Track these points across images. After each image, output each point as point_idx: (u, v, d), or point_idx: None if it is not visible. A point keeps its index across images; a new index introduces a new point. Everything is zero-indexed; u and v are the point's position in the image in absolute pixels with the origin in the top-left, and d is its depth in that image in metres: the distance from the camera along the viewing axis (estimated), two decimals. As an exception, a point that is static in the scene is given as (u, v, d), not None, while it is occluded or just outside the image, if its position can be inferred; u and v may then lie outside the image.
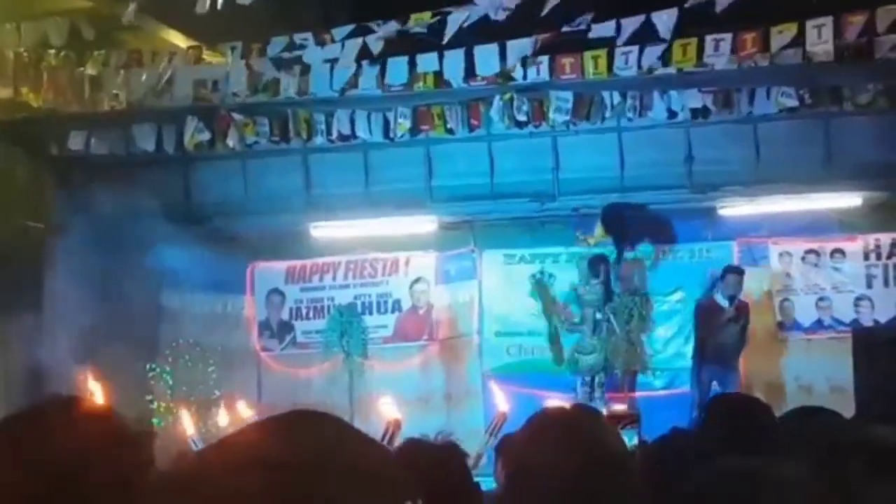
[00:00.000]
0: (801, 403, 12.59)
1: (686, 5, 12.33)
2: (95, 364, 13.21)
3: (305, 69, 14.20)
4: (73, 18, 14.02)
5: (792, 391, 15.04)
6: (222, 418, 13.11)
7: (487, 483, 5.53)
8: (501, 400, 8.54)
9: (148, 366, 15.87)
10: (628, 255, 15.32)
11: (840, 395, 13.66)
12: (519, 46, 13.38)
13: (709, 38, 13.21)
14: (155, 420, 15.54)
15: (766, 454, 3.80)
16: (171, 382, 15.98)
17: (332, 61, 13.93)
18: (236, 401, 12.89)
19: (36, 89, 14.53)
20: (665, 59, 13.54)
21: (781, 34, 13.04)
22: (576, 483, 2.61)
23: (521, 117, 14.16)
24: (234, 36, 14.42)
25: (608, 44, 13.47)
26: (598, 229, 15.22)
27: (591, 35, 13.15)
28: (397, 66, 13.82)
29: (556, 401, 13.15)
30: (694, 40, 13.27)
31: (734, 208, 15.19)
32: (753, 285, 15.46)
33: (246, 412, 12.25)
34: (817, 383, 15.10)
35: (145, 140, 14.70)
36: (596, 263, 14.82)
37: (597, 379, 14.86)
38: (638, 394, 15.01)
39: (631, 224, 15.18)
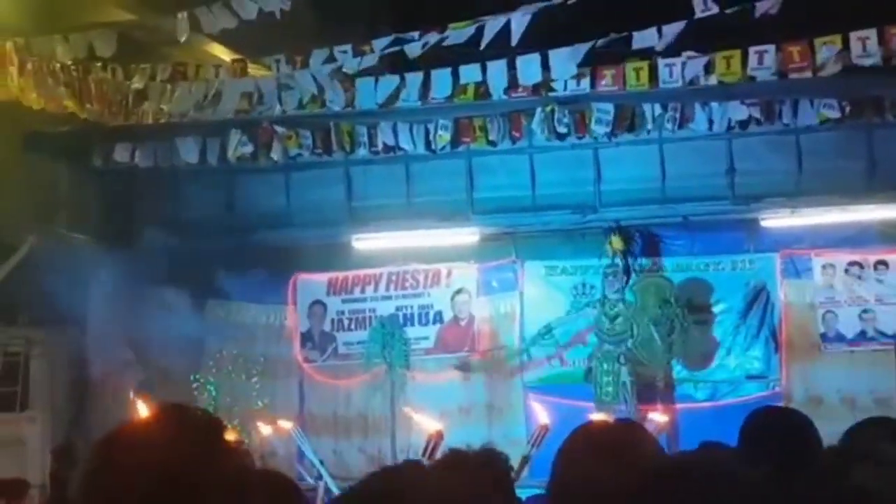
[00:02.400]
0: (844, 416, 12.65)
1: (728, 11, 12.32)
2: (139, 375, 13.39)
3: (349, 81, 14.26)
4: (118, 31, 14.15)
5: (834, 403, 14.93)
6: (265, 429, 13.21)
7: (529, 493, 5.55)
8: (541, 413, 8.58)
9: (192, 376, 15.96)
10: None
11: (884, 407, 13.60)
12: (562, 57, 13.39)
13: (752, 50, 13.18)
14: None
15: (804, 468, 3.79)
16: (214, 393, 16.05)
17: (375, 73, 14.00)
18: (279, 412, 12.98)
19: (81, 101, 14.64)
20: (708, 70, 13.52)
21: (826, 46, 13.00)
22: (615, 499, 2.62)
23: (563, 129, 14.16)
24: (276, 49, 14.52)
25: (649, 55, 13.47)
26: (615, 240, 15.24)
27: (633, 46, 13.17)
28: (441, 78, 13.85)
29: (598, 413, 13.16)
30: (737, 52, 13.24)
31: (777, 220, 15.11)
32: (796, 297, 15.41)
33: (288, 424, 12.33)
34: (860, 395, 14.99)
35: (188, 152, 14.80)
36: None
37: (630, 390, 14.89)
38: (679, 406, 14.97)
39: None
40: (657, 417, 11.75)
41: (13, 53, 13.62)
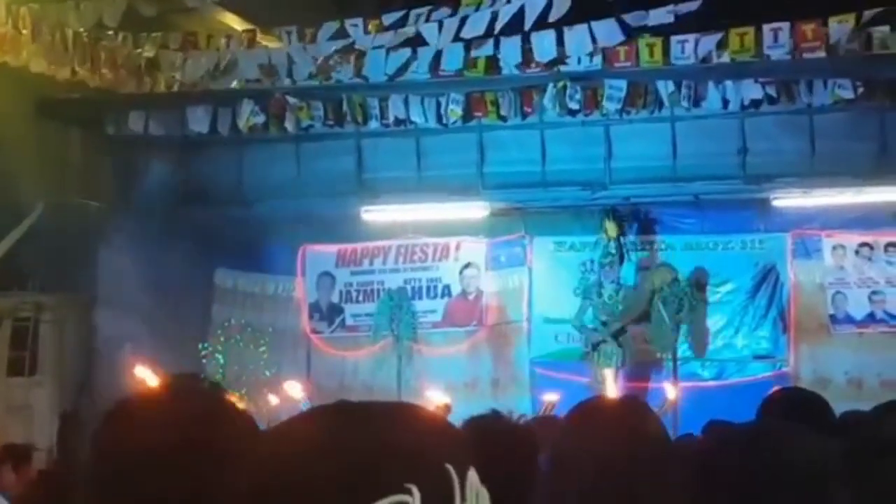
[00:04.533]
0: (850, 398, 12.63)
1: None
2: (148, 342, 13.43)
3: (360, 54, 14.25)
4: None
5: (841, 385, 14.92)
6: (272, 399, 13.24)
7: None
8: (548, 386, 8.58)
9: (200, 345, 16.00)
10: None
11: (891, 390, 13.58)
12: (577, 35, 13.36)
13: (766, 28, 13.12)
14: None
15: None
16: (222, 362, 16.10)
17: (386, 46, 13.98)
18: (286, 382, 13.00)
19: (93, 69, 14.63)
20: (721, 47, 13.47)
21: (840, 24, 12.94)
22: (617, 474, 2.63)
23: (574, 105, 14.12)
24: (288, 20, 14.50)
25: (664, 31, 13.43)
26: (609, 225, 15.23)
27: (648, 23, 13.16)
28: (452, 52, 13.82)
29: (596, 390, 13.19)
30: (751, 29, 13.19)
31: (788, 200, 15.04)
32: (805, 278, 15.40)
33: (296, 393, 12.36)
34: (868, 378, 15.00)
35: (199, 122, 14.79)
36: None
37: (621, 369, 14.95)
38: (686, 384, 14.96)
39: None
40: (664, 395, 11.77)
41: (27, 19, 13.61)
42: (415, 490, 1.36)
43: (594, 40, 13.52)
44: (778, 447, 2.22)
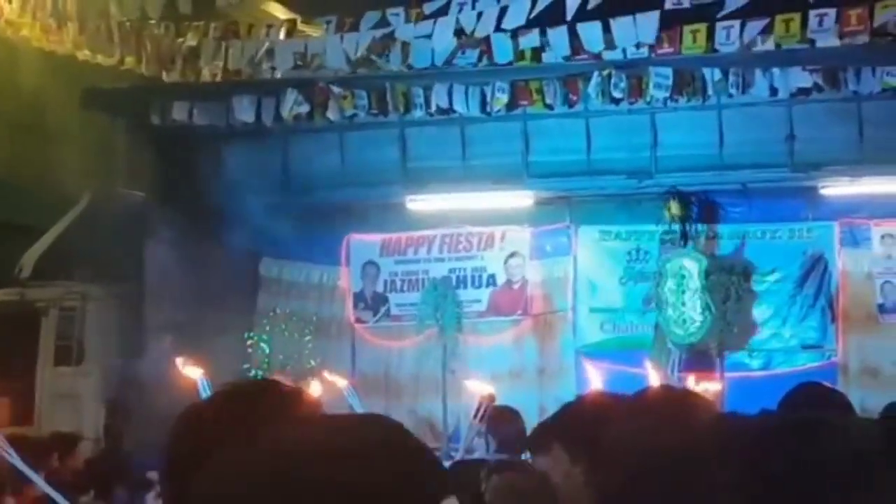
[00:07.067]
0: (901, 388, 12.49)
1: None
2: (194, 332, 13.47)
3: (405, 43, 14.21)
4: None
5: (891, 375, 14.77)
6: (316, 389, 13.24)
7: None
8: (595, 377, 8.51)
9: (245, 334, 16.05)
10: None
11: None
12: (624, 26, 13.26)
13: (812, 14, 12.98)
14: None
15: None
16: (267, 351, 16.14)
17: (430, 38, 13.93)
18: (331, 372, 13.01)
19: (138, 59, 14.69)
20: (767, 33, 13.34)
21: (886, 9, 12.78)
22: (671, 468, 2.58)
23: (619, 94, 14.04)
24: (329, 9, 14.48)
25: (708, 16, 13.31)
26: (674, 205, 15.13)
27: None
28: (501, 44, 13.74)
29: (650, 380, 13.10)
30: (797, 15, 13.05)
31: (836, 188, 14.92)
32: (854, 267, 15.25)
33: (340, 383, 12.36)
34: (917, 368, 14.85)
35: (244, 112, 14.82)
36: None
37: (680, 357, 14.86)
38: (733, 374, 14.87)
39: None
40: (708, 386, 11.67)
41: (73, 10, 13.68)
42: None
43: (642, 32, 13.42)
44: (823, 436, 2.17)
